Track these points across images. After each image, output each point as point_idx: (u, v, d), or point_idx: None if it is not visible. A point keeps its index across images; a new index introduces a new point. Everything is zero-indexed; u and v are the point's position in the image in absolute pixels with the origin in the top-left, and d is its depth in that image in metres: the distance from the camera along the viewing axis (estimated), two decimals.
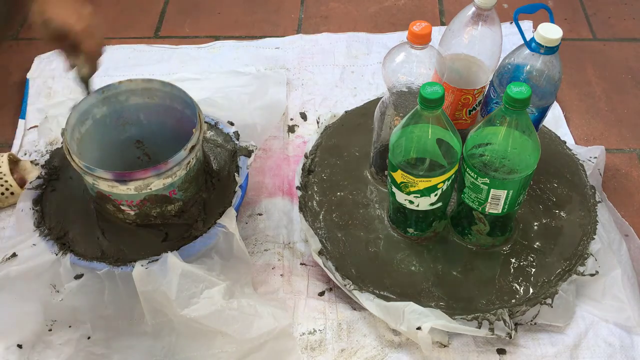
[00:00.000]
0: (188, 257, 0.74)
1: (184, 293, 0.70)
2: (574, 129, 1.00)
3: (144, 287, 0.71)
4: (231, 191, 0.81)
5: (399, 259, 0.78)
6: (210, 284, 0.72)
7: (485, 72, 0.77)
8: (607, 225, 0.81)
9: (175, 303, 0.70)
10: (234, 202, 0.80)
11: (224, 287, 0.72)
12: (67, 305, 0.75)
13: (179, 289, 0.70)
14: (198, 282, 0.71)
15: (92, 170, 0.71)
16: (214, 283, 0.72)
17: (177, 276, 0.71)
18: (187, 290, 0.71)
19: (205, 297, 0.71)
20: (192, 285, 0.71)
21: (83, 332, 0.75)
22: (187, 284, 0.71)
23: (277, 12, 1.24)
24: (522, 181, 0.68)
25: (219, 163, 0.86)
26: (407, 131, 0.68)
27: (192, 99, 0.78)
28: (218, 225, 0.77)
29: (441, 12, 1.23)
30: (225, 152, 0.87)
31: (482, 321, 0.72)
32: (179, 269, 0.71)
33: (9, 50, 1.16)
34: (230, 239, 0.76)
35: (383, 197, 0.84)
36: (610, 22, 1.20)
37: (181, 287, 0.70)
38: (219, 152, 0.87)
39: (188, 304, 0.70)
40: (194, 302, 0.70)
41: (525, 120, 0.65)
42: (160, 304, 0.71)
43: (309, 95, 1.05)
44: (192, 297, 0.71)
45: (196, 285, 0.71)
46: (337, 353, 0.74)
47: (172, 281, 0.70)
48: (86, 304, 0.75)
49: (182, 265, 0.72)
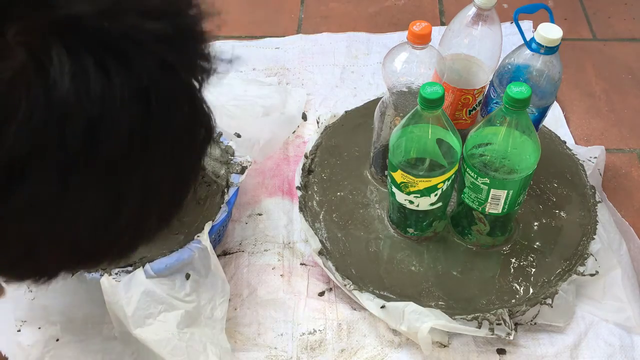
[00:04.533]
0: (160, 271, 0.72)
1: (141, 312, 0.68)
2: (574, 129, 1.00)
3: (109, 297, 0.69)
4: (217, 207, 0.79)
5: (399, 259, 0.78)
6: (170, 307, 0.70)
7: (485, 72, 0.77)
8: (607, 225, 0.81)
9: (131, 320, 0.68)
10: (217, 218, 0.77)
11: (182, 313, 0.70)
12: (38, 304, 0.74)
13: (138, 306, 0.68)
14: (158, 303, 0.69)
15: None
16: (174, 307, 0.70)
17: (139, 293, 0.69)
18: (145, 309, 0.69)
19: (160, 320, 0.69)
20: (151, 305, 0.69)
21: (52, 333, 0.74)
22: (147, 302, 0.69)
23: (277, 12, 1.24)
24: (522, 181, 0.68)
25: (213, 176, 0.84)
26: (407, 131, 0.68)
27: None
28: (195, 241, 0.74)
29: (441, 12, 1.23)
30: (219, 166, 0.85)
31: (482, 321, 0.72)
32: (142, 286, 0.69)
33: None
34: (207, 255, 0.74)
35: (383, 197, 0.84)
36: (610, 22, 1.20)
37: (140, 304, 0.68)
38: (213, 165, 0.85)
39: (143, 323, 0.68)
40: (149, 323, 0.68)
41: (526, 120, 0.65)
42: (119, 317, 0.70)
43: (309, 95, 1.05)
44: (148, 318, 0.69)
45: (155, 306, 0.69)
46: (337, 353, 0.74)
47: (132, 297, 0.68)
48: (58, 304, 0.74)
49: (147, 282, 0.69)
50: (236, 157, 0.85)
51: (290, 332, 0.76)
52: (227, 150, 0.85)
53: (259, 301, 0.79)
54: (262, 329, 0.77)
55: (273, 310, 0.78)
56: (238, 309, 0.79)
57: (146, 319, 0.69)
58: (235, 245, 0.85)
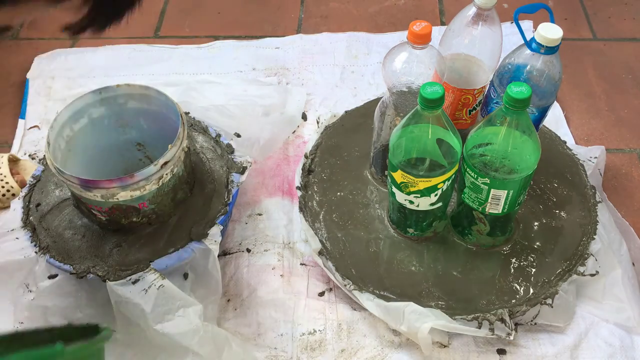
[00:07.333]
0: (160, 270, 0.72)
1: (160, 308, 0.70)
2: (574, 129, 1.00)
3: (118, 297, 0.70)
4: (218, 207, 0.79)
5: (399, 259, 0.78)
6: (187, 303, 0.71)
7: (486, 72, 0.77)
8: (607, 225, 0.81)
9: (150, 316, 0.69)
10: (217, 219, 0.77)
11: (200, 308, 0.71)
12: (38, 305, 0.74)
13: (156, 303, 0.69)
14: (175, 300, 0.70)
15: (61, 172, 0.69)
16: (191, 302, 0.71)
17: (155, 290, 0.70)
18: (163, 305, 0.70)
19: (180, 315, 0.70)
20: (168, 302, 0.70)
21: None
22: (164, 299, 0.70)
23: (277, 12, 1.24)
24: (522, 181, 0.68)
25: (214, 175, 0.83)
26: (407, 131, 0.68)
27: (180, 114, 0.75)
28: (195, 241, 0.75)
29: (441, 12, 1.23)
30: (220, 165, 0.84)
31: (482, 321, 0.72)
32: (157, 283, 0.70)
33: (9, 50, 1.17)
34: (207, 255, 0.74)
35: (383, 197, 0.84)
36: (611, 22, 1.20)
37: (157, 301, 0.70)
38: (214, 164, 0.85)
39: (162, 319, 0.69)
40: (169, 319, 0.70)
41: (526, 120, 0.65)
42: (133, 315, 0.70)
43: (309, 95, 1.05)
44: (167, 314, 0.70)
45: (172, 302, 0.70)
46: (337, 353, 0.74)
47: (149, 294, 0.70)
48: (58, 306, 0.74)
49: (160, 280, 0.71)
50: (236, 157, 0.85)
51: (290, 332, 0.76)
52: (227, 149, 0.85)
53: (259, 301, 0.79)
54: (262, 329, 0.77)
55: (273, 310, 0.78)
56: (238, 309, 0.78)
57: (165, 315, 0.70)
58: (235, 245, 0.85)
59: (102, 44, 1.16)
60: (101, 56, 1.14)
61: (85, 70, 1.11)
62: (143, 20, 1.22)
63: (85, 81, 1.09)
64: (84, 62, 1.13)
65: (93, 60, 1.13)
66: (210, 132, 0.87)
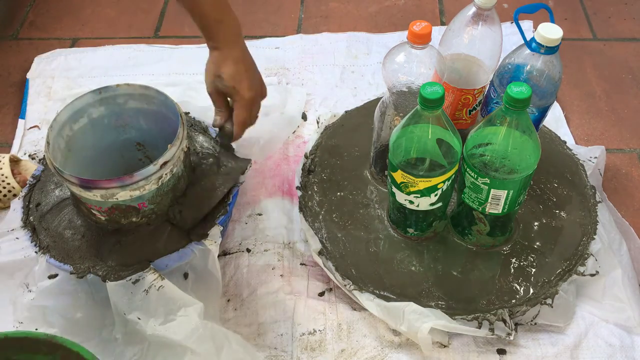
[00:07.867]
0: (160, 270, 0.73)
1: (161, 309, 0.70)
2: (574, 129, 1.00)
3: (118, 297, 0.70)
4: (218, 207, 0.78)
5: (399, 259, 0.78)
6: (189, 302, 0.71)
7: (486, 72, 0.77)
8: (607, 225, 0.81)
9: (150, 317, 0.69)
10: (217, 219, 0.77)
11: (201, 306, 0.71)
12: (38, 304, 0.74)
13: (156, 303, 0.69)
14: (175, 300, 0.70)
15: (61, 172, 0.69)
16: (191, 302, 0.71)
17: (155, 290, 0.70)
18: (165, 306, 0.70)
19: (182, 315, 0.70)
20: (169, 302, 0.70)
21: None
22: (165, 300, 0.70)
23: (277, 12, 1.24)
24: (522, 181, 0.68)
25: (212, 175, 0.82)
26: (407, 131, 0.68)
27: (180, 113, 0.75)
28: (196, 242, 0.75)
29: (441, 12, 1.23)
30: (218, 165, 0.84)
31: (482, 321, 0.72)
32: (157, 284, 0.70)
33: (9, 50, 1.17)
34: (207, 255, 0.74)
35: (383, 197, 0.84)
36: (611, 22, 1.20)
37: (158, 302, 0.70)
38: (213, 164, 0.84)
39: (165, 320, 0.70)
40: (171, 319, 0.70)
41: (526, 120, 0.65)
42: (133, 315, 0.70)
43: (309, 95, 1.05)
44: (169, 314, 0.70)
45: (173, 303, 0.70)
46: (337, 353, 0.74)
47: (150, 295, 0.70)
48: (57, 305, 0.74)
49: (159, 280, 0.71)
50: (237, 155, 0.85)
51: (290, 332, 0.76)
52: None
53: (259, 301, 0.79)
54: (262, 329, 0.76)
55: (273, 310, 0.78)
56: (238, 309, 0.78)
57: (167, 315, 0.70)
58: (235, 245, 0.85)
59: (102, 44, 1.16)
60: (101, 56, 1.14)
61: (85, 70, 1.11)
62: (143, 20, 1.22)
63: (85, 81, 1.09)
64: (84, 62, 1.13)
65: (93, 60, 1.13)
66: (210, 132, 0.87)
